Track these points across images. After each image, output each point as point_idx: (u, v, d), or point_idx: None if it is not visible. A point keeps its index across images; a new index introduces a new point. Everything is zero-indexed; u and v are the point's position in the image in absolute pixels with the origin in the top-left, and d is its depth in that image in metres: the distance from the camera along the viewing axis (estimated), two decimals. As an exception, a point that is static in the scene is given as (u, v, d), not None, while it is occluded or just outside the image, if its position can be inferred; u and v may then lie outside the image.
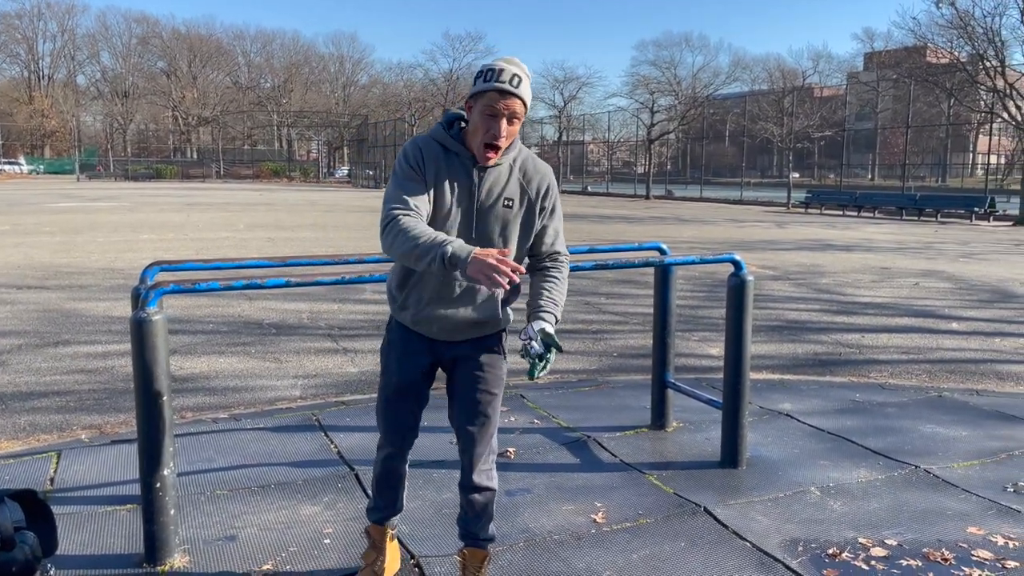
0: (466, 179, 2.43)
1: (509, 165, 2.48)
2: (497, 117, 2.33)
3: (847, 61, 72.20)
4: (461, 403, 2.64)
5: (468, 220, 2.44)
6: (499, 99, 2.32)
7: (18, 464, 3.98)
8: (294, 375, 5.87)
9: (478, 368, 2.60)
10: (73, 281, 10.15)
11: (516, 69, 2.37)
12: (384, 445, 2.76)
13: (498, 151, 2.39)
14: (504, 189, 2.45)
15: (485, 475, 2.68)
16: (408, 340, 2.60)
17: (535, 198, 2.50)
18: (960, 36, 28.77)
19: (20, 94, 77.91)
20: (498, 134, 2.34)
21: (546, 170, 2.56)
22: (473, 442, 2.64)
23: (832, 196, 34.74)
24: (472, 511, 2.72)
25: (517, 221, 2.49)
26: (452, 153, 2.44)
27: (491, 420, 2.65)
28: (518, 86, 2.34)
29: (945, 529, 3.33)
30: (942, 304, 9.47)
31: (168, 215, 22.74)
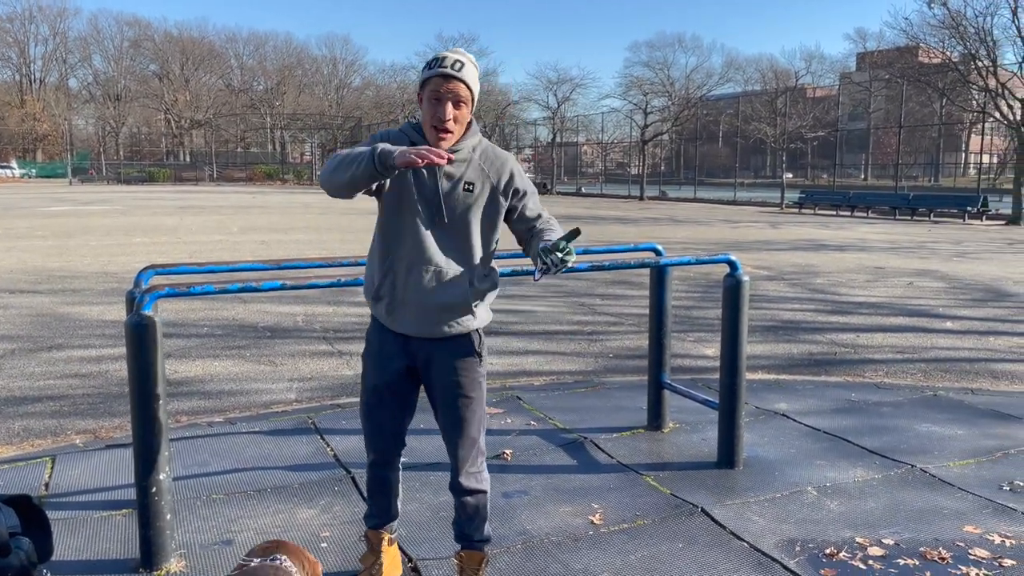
0: (429, 169, 2.49)
1: (469, 152, 2.55)
2: (442, 101, 2.42)
3: (840, 61, 72.38)
4: (440, 408, 2.66)
5: (432, 208, 2.49)
6: (442, 83, 2.41)
7: (12, 469, 3.96)
8: (289, 378, 5.86)
9: (453, 372, 2.60)
10: (66, 285, 10.11)
11: (458, 56, 2.46)
12: (368, 451, 2.78)
13: (448, 133, 2.45)
14: (465, 174, 2.52)
15: (474, 478, 2.68)
16: (383, 341, 2.63)
17: (498, 184, 2.55)
18: (952, 36, 28.89)
19: (12, 98, 77.59)
20: (444, 116, 2.42)
21: (506, 156, 2.62)
22: (456, 446, 2.66)
23: (825, 196, 34.85)
24: (464, 513, 2.72)
25: (480, 205, 2.54)
26: (416, 144, 2.52)
27: (472, 423, 2.65)
28: (460, 70, 2.43)
29: (942, 528, 3.34)
30: (936, 303, 9.50)
31: (161, 218, 22.67)
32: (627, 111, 53.52)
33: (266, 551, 2.03)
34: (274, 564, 1.90)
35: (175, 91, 79.89)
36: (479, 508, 2.72)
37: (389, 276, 2.56)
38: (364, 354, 2.73)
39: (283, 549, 2.08)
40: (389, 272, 2.55)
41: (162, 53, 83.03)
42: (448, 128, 2.44)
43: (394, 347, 2.61)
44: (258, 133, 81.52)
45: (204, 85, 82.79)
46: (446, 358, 2.59)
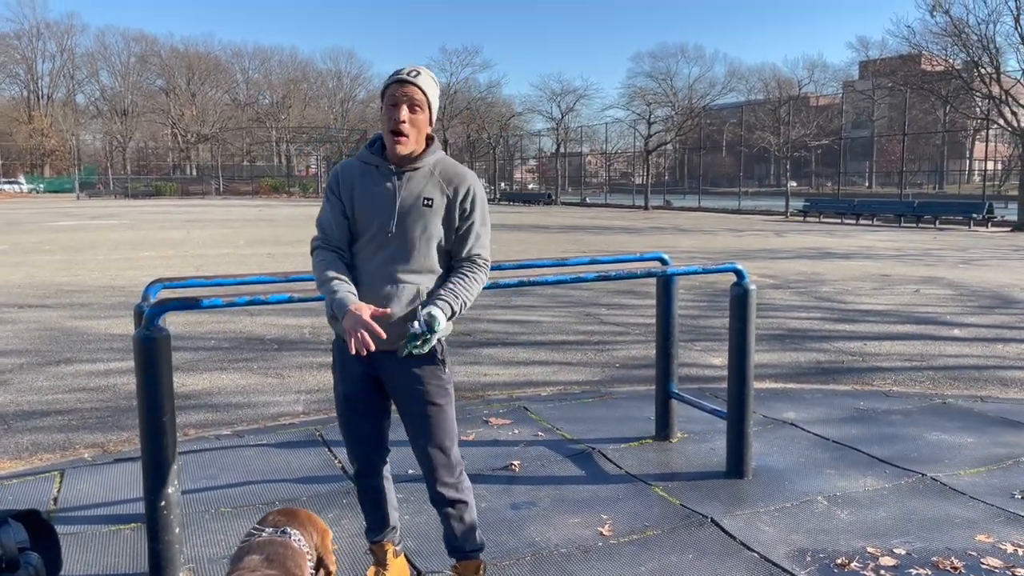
0: (387, 185, 2.55)
1: (429, 169, 2.58)
2: (397, 105, 2.49)
3: (842, 70, 72.42)
4: (407, 418, 2.64)
5: (389, 220, 2.52)
6: (398, 88, 2.50)
7: (21, 484, 3.96)
8: (296, 390, 5.86)
9: (416, 381, 2.58)
10: (74, 299, 10.14)
11: (416, 66, 2.56)
12: (352, 462, 2.78)
13: (403, 136, 2.50)
14: (424, 189, 2.55)
15: (452, 488, 2.65)
16: (344, 352, 2.63)
17: (453, 198, 2.56)
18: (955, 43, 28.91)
19: (19, 114, 78.14)
20: (398, 118, 2.47)
21: (467, 173, 2.63)
22: (427, 456, 2.63)
23: (830, 204, 34.81)
24: (448, 525, 2.70)
25: (437, 220, 2.55)
26: (371, 166, 2.60)
27: (442, 431, 2.61)
28: (415, 77, 2.51)
29: (954, 537, 3.31)
30: (943, 311, 9.46)
31: (168, 232, 22.76)
32: (631, 121, 53.67)
33: (277, 523, 2.01)
34: (283, 540, 1.88)
35: (181, 106, 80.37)
36: (463, 518, 2.69)
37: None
38: (332, 367, 2.75)
39: (294, 521, 2.05)
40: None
41: (168, 68, 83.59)
42: (403, 131, 2.49)
43: (356, 358, 2.59)
44: (264, 147, 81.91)
45: (210, 99, 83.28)
46: (408, 369, 2.57)
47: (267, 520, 2.05)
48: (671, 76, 65.26)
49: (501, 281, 3.47)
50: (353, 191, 2.57)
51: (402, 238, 2.51)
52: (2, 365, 6.63)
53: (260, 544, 1.84)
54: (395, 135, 2.50)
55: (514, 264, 4.14)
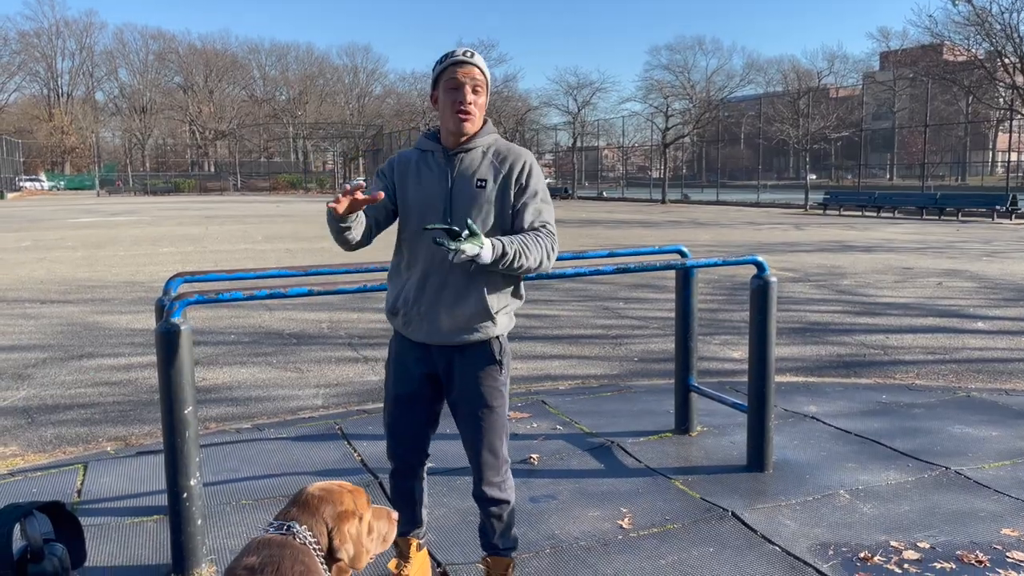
0: (440, 168, 2.52)
1: (483, 151, 2.53)
2: (460, 87, 2.44)
3: (863, 61, 71.73)
4: (462, 418, 2.63)
5: (443, 205, 2.49)
6: (457, 70, 2.44)
7: (45, 477, 4.00)
8: (316, 384, 5.88)
9: (474, 381, 2.56)
10: (95, 295, 10.24)
11: (467, 48, 2.51)
12: (390, 460, 2.76)
13: (469, 116, 2.45)
14: (477, 171, 2.50)
15: (497, 487, 2.65)
16: (403, 350, 2.62)
17: (508, 176, 2.50)
18: (977, 33, 28.56)
19: (40, 112, 78.95)
20: (463, 99, 2.43)
21: (521, 151, 2.57)
22: (478, 456, 2.63)
23: (850, 197, 34.48)
24: (487, 522, 2.70)
25: (491, 201, 2.50)
26: (426, 152, 2.57)
27: (493, 433, 2.61)
28: (472, 57, 2.47)
29: (978, 531, 3.27)
30: (966, 303, 9.35)
31: (187, 228, 22.93)
32: (648, 114, 53.41)
33: (287, 515, 1.96)
34: (282, 537, 1.83)
35: (199, 103, 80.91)
36: (503, 517, 2.70)
37: (404, 290, 2.55)
38: (386, 363, 2.73)
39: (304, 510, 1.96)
40: (403, 285, 2.56)
41: (186, 65, 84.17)
42: (469, 110, 2.44)
43: (412, 355, 2.60)
44: (281, 143, 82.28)
45: (228, 96, 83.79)
46: (466, 367, 2.55)
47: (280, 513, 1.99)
48: (689, 68, 64.99)
49: (520, 274, 3.46)
50: (405, 177, 2.55)
51: (455, 222, 2.45)
52: (26, 360, 6.70)
53: (257, 545, 1.79)
54: (462, 114, 2.44)
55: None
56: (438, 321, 2.50)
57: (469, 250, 2.24)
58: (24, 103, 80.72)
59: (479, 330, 2.52)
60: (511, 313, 2.60)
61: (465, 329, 2.51)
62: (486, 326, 2.52)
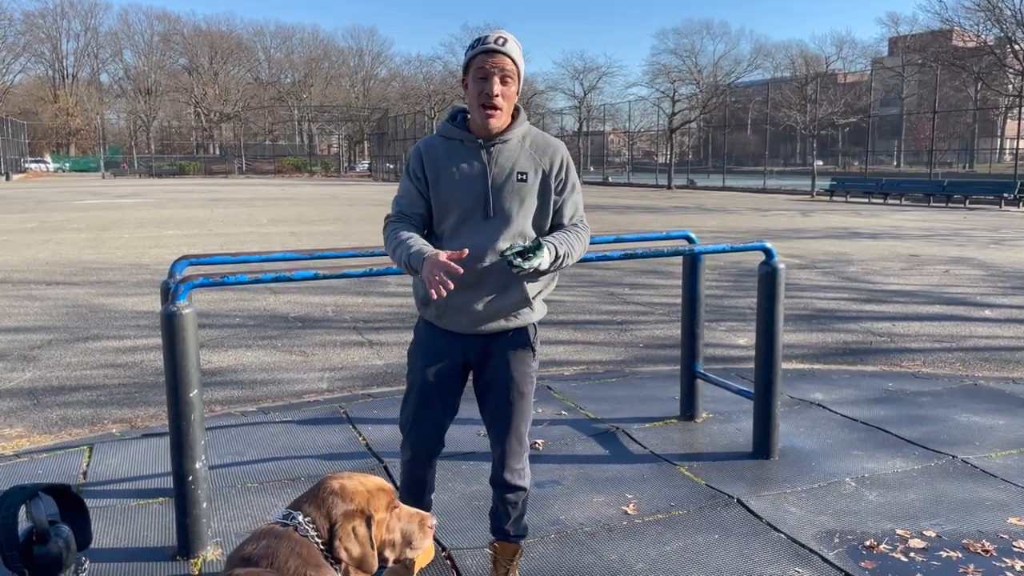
0: (476, 160, 2.43)
1: (519, 140, 2.47)
2: (488, 77, 2.35)
3: (871, 46, 71.28)
4: (491, 403, 2.59)
5: (484, 199, 2.42)
6: (487, 59, 2.35)
7: (51, 458, 4.01)
8: (320, 368, 5.88)
9: (507, 367, 2.54)
10: (101, 277, 10.25)
11: (501, 33, 2.41)
12: (406, 449, 2.70)
13: (497, 110, 2.38)
14: (516, 163, 2.44)
15: (517, 474, 2.63)
16: (434, 339, 2.55)
17: (549, 171, 2.48)
18: (988, 18, 28.28)
19: (45, 93, 78.89)
20: (491, 92, 2.35)
21: (558, 144, 2.54)
22: (503, 442, 2.60)
23: (857, 183, 34.32)
24: (503, 508, 2.69)
25: (533, 195, 2.46)
26: (456, 141, 2.46)
27: (522, 419, 2.60)
28: (504, 45, 2.37)
29: (985, 520, 3.26)
30: (974, 291, 9.31)
31: (192, 211, 22.93)
32: (654, 99, 53.21)
33: (298, 505, 1.93)
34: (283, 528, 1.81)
35: (204, 85, 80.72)
36: (519, 504, 2.69)
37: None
38: (411, 351, 2.62)
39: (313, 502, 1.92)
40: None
41: (191, 47, 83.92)
42: (496, 104, 2.36)
43: (445, 343, 2.53)
44: (286, 125, 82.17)
45: (233, 78, 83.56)
46: (502, 352, 2.52)
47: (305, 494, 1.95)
48: (696, 53, 64.55)
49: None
50: (438, 170, 2.44)
51: (499, 216, 2.41)
52: (31, 341, 6.72)
53: (259, 535, 1.78)
54: (488, 109, 2.36)
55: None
56: (477, 311, 2.45)
57: (539, 264, 2.28)
58: (29, 84, 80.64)
59: (518, 316, 2.51)
60: (545, 298, 2.60)
61: (504, 316, 2.49)
62: (525, 312, 2.52)
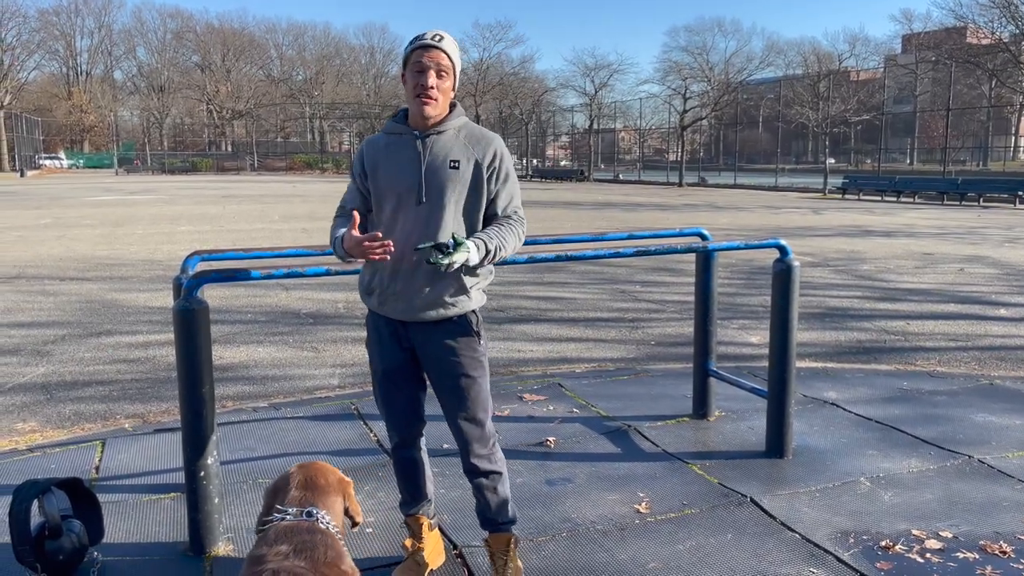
0: (411, 151, 2.52)
1: (455, 132, 2.55)
2: (425, 71, 2.45)
3: (884, 43, 70.70)
4: (442, 391, 2.62)
5: (417, 186, 2.49)
6: (423, 54, 2.46)
7: (64, 453, 4.03)
8: (332, 364, 5.88)
9: (452, 352, 2.57)
10: (114, 272, 10.30)
11: (438, 31, 2.51)
12: (391, 435, 2.77)
13: (432, 100, 2.46)
14: (450, 152, 2.51)
15: (486, 460, 2.66)
16: (379, 327, 2.63)
17: (482, 160, 2.53)
18: (1003, 15, 28.03)
19: (59, 90, 79.29)
20: (427, 84, 2.44)
21: (493, 136, 2.61)
22: (461, 428, 2.63)
23: (870, 181, 34.09)
24: (482, 497, 2.70)
25: (465, 182, 2.51)
26: (395, 135, 2.57)
27: (476, 403, 2.61)
28: (439, 41, 2.47)
29: (1002, 521, 3.22)
30: (988, 290, 9.23)
31: (204, 207, 23.01)
32: (665, 97, 52.98)
33: (303, 500, 1.92)
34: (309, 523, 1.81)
35: (217, 82, 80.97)
36: (497, 489, 2.69)
37: (379, 269, 2.54)
38: (367, 343, 2.73)
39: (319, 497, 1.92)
40: (378, 265, 2.54)
41: (204, 44, 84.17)
42: (431, 95, 2.45)
43: (389, 330, 2.60)
44: (297, 123, 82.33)
45: (245, 76, 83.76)
46: (444, 340, 2.56)
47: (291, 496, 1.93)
48: (707, 50, 64.12)
49: (538, 255, 3.42)
50: (377, 163, 2.55)
51: (430, 203, 2.48)
52: (45, 336, 6.75)
53: (285, 531, 1.77)
54: (423, 99, 2.46)
55: (550, 239, 4.09)
56: (415, 299, 2.51)
57: (459, 260, 2.33)
58: (43, 81, 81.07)
59: (456, 305, 2.54)
60: (483, 288, 2.64)
61: (442, 305, 2.52)
62: (462, 300, 2.55)
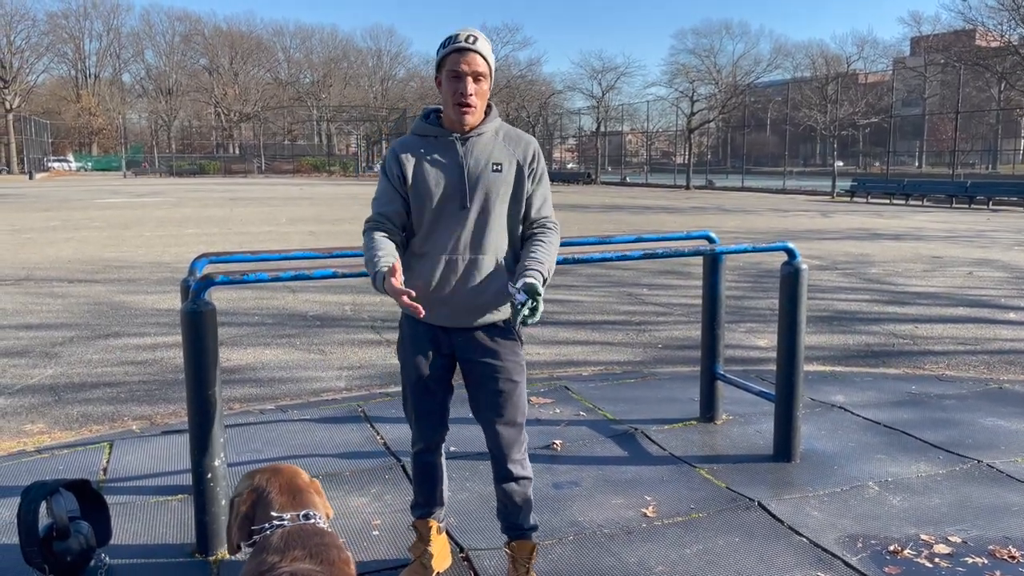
0: (451, 154, 2.48)
1: (493, 134, 2.52)
2: (462, 77, 2.40)
3: (893, 46, 70.65)
4: (483, 395, 2.58)
5: (460, 191, 2.46)
6: (459, 58, 2.40)
7: (72, 455, 4.04)
8: (339, 366, 5.89)
9: (495, 356, 2.54)
10: (122, 274, 10.34)
11: (471, 31, 2.45)
12: (416, 440, 2.73)
13: (471, 108, 2.42)
14: (491, 155, 2.48)
15: (520, 465, 2.64)
16: (417, 333, 2.57)
17: (523, 163, 2.52)
18: (1012, 18, 27.90)
19: (68, 93, 79.76)
20: (466, 91, 2.40)
21: (530, 138, 2.60)
22: (498, 433, 2.60)
23: (878, 184, 34.00)
24: (512, 502, 2.67)
25: (508, 185, 2.50)
26: (430, 138, 2.52)
27: (518, 408, 2.60)
28: (474, 43, 2.42)
29: (1011, 526, 3.20)
30: (998, 294, 9.18)
31: (212, 210, 23.08)
32: (673, 99, 52.93)
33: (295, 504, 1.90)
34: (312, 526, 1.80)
35: (224, 85, 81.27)
36: (526, 496, 2.68)
37: (421, 275, 2.49)
38: (399, 347, 2.67)
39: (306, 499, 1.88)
40: (421, 271, 2.49)
41: (211, 47, 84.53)
42: (470, 103, 2.41)
43: (429, 336, 2.56)
44: (305, 125, 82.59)
45: (252, 79, 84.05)
46: (489, 343, 2.54)
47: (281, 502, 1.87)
48: (715, 53, 64.12)
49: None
50: (415, 164, 2.48)
51: (475, 207, 2.44)
52: (53, 338, 6.77)
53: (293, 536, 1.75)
54: (463, 108, 2.42)
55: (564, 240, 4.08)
56: (460, 304, 2.48)
57: (542, 307, 2.35)
58: (52, 84, 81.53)
59: (500, 310, 2.52)
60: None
61: (487, 310, 2.50)
62: (506, 305, 2.53)
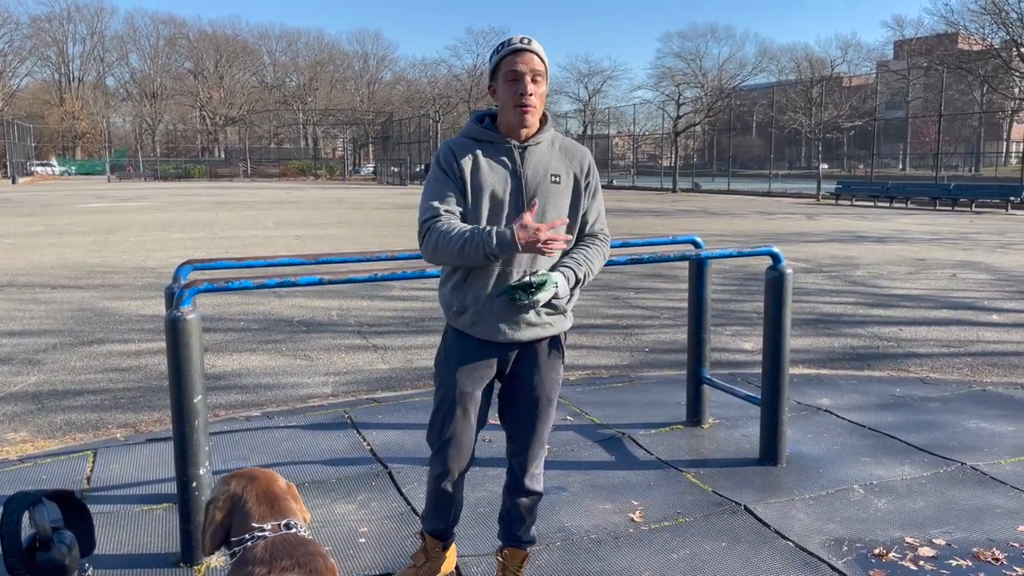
0: (508, 161, 2.41)
1: (549, 143, 2.47)
2: (520, 78, 2.34)
3: (877, 49, 71.25)
4: (521, 409, 2.55)
5: (517, 200, 2.40)
6: (516, 59, 2.34)
7: (55, 463, 4.00)
8: (325, 372, 5.87)
9: (539, 374, 2.52)
10: (106, 280, 10.26)
11: (523, 35, 2.42)
12: (438, 464, 2.59)
13: (531, 110, 2.36)
14: (549, 165, 2.44)
15: (536, 480, 2.64)
16: (467, 348, 2.47)
17: (580, 175, 2.49)
18: (994, 22, 28.22)
19: (51, 96, 79.13)
20: (526, 91, 2.34)
21: (585, 150, 2.57)
22: (526, 449, 2.59)
23: (863, 187, 34.23)
24: (518, 513, 2.67)
25: (567, 197, 2.46)
26: (487, 143, 2.43)
27: (547, 426, 2.61)
28: (530, 44, 2.37)
29: (995, 528, 3.23)
30: (981, 296, 9.26)
31: (197, 214, 22.95)
32: (659, 102, 53.18)
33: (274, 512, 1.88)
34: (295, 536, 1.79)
35: (209, 88, 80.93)
36: (533, 509, 2.69)
37: (473, 288, 2.41)
38: (442, 362, 2.54)
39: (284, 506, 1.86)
40: (473, 283, 2.41)
41: (197, 51, 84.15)
42: (530, 102, 2.34)
43: (479, 352, 2.47)
44: (291, 129, 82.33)
45: (238, 82, 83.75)
46: (536, 360, 2.51)
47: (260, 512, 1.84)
48: (701, 56, 64.60)
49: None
50: (472, 167, 2.38)
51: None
52: (36, 345, 6.71)
53: (277, 545, 1.73)
54: (523, 108, 2.34)
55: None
56: (513, 319, 2.42)
57: (544, 298, 2.32)
58: (35, 88, 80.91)
59: (553, 324, 2.50)
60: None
61: (540, 325, 2.47)
62: (558, 319, 2.51)
